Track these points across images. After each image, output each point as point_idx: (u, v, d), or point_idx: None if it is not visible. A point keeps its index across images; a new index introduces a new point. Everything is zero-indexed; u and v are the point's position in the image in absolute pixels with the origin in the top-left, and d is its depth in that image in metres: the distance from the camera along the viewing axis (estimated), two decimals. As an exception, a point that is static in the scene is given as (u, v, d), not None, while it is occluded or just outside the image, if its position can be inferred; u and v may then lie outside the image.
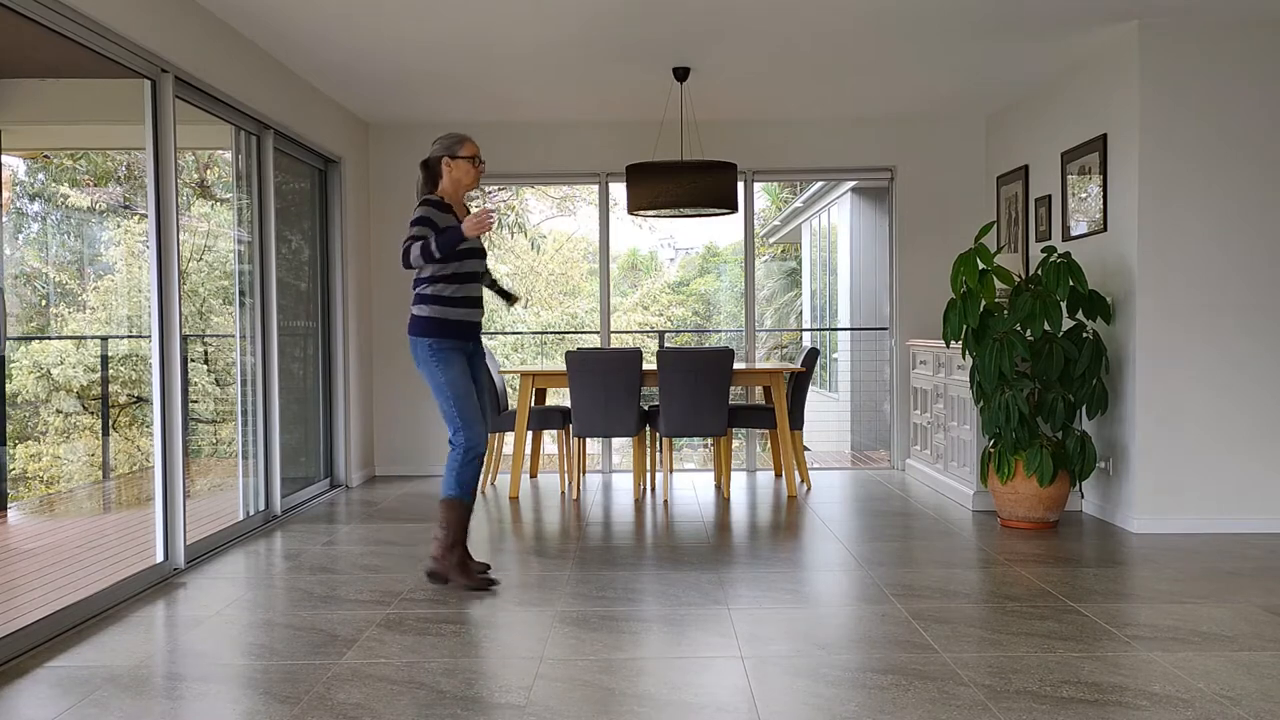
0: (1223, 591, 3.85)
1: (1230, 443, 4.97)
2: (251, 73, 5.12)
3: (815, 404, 10.95)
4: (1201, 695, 2.77)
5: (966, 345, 5.13)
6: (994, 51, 5.43)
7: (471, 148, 4.08)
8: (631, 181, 5.72)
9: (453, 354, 3.98)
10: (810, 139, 7.10)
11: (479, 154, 4.12)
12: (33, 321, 6.47)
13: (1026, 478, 4.97)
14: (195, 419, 6.33)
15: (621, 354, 5.99)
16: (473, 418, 4.00)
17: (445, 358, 3.97)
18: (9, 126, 5.57)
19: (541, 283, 16.84)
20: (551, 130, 7.10)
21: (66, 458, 6.51)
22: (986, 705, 2.70)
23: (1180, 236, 4.97)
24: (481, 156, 4.13)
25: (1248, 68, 4.93)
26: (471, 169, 4.07)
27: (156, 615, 3.70)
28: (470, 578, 3.96)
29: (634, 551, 4.65)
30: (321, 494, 6.27)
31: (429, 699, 2.79)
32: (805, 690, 2.84)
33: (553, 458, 9.11)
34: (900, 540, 4.85)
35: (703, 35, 5.10)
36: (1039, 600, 3.74)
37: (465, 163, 4.06)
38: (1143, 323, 4.98)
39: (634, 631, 3.40)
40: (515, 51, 5.35)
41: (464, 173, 4.06)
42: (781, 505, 5.89)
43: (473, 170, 4.07)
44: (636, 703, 2.76)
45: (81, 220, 6.79)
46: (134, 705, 2.78)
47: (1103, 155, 5.29)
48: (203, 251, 6.44)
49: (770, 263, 17.38)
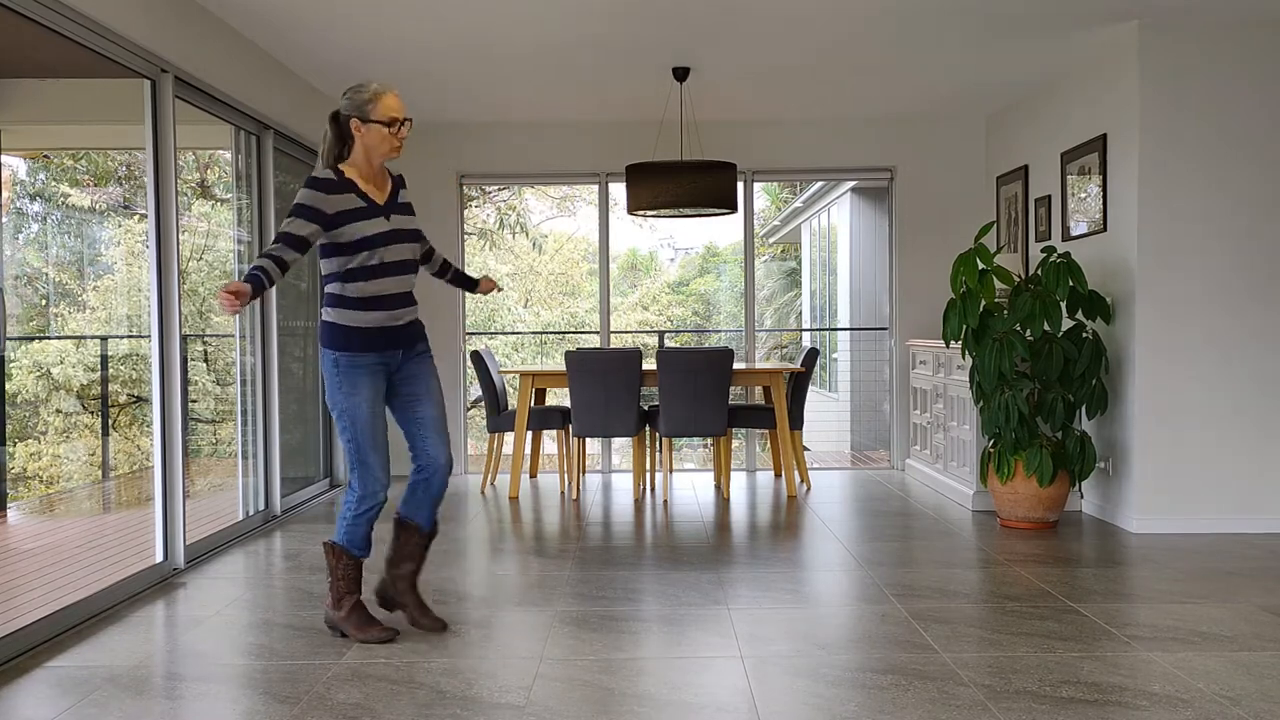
0: (1223, 591, 3.85)
1: (1230, 442, 4.97)
2: (251, 73, 5.12)
3: (815, 404, 10.96)
4: (1201, 695, 2.77)
5: (966, 345, 5.13)
6: (994, 51, 5.43)
7: (390, 106, 3.13)
8: (631, 181, 5.72)
9: (360, 374, 3.18)
10: (810, 139, 7.10)
11: (402, 115, 3.16)
12: (33, 321, 6.47)
13: (1026, 478, 4.97)
14: (195, 419, 6.33)
15: (621, 354, 5.99)
16: (376, 457, 3.22)
17: (351, 378, 3.17)
18: (9, 126, 5.57)
19: (542, 283, 16.85)
20: (551, 130, 7.10)
21: (66, 457, 6.51)
22: (986, 705, 2.70)
23: (1180, 236, 4.97)
24: (406, 115, 3.18)
25: (1248, 68, 4.93)
26: (388, 137, 3.14)
27: (156, 615, 3.69)
28: (365, 631, 3.30)
29: (634, 551, 4.65)
30: (321, 494, 6.27)
31: (429, 699, 2.79)
32: (805, 690, 2.84)
33: (553, 458, 9.11)
34: (900, 540, 4.85)
35: (703, 35, 5.10)
36: (1039, 600, 3.74)
37: (379, 128, 3.13)
38: (1142, 323, 4.98)
39: (634, 631, 3.40)
40: (515, 51, 5.35)
41: (378, 139, 3.14)
42: (781, 505, 5.89)
43: (389, 139, 3.15)
44: (636, 703, 2.76)
45: (81, 220, 6.79)
46: (134, 705, 2.78)
47: (1102, 155, 5.29)
48: (203, 251, 6.44)
49: (770, 263, 17.38)
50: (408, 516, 3.42)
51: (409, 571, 3.44)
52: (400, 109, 3.16)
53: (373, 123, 3.12)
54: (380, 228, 3.15)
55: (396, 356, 3.28)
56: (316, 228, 3.07)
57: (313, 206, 3.06)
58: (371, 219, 3.15)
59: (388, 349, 3.24)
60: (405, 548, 3.43)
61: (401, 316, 3.26)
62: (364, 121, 3.12)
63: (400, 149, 3.20)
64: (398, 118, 3.15)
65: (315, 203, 3.07)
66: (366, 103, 3.12)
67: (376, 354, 3.21)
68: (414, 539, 3.43)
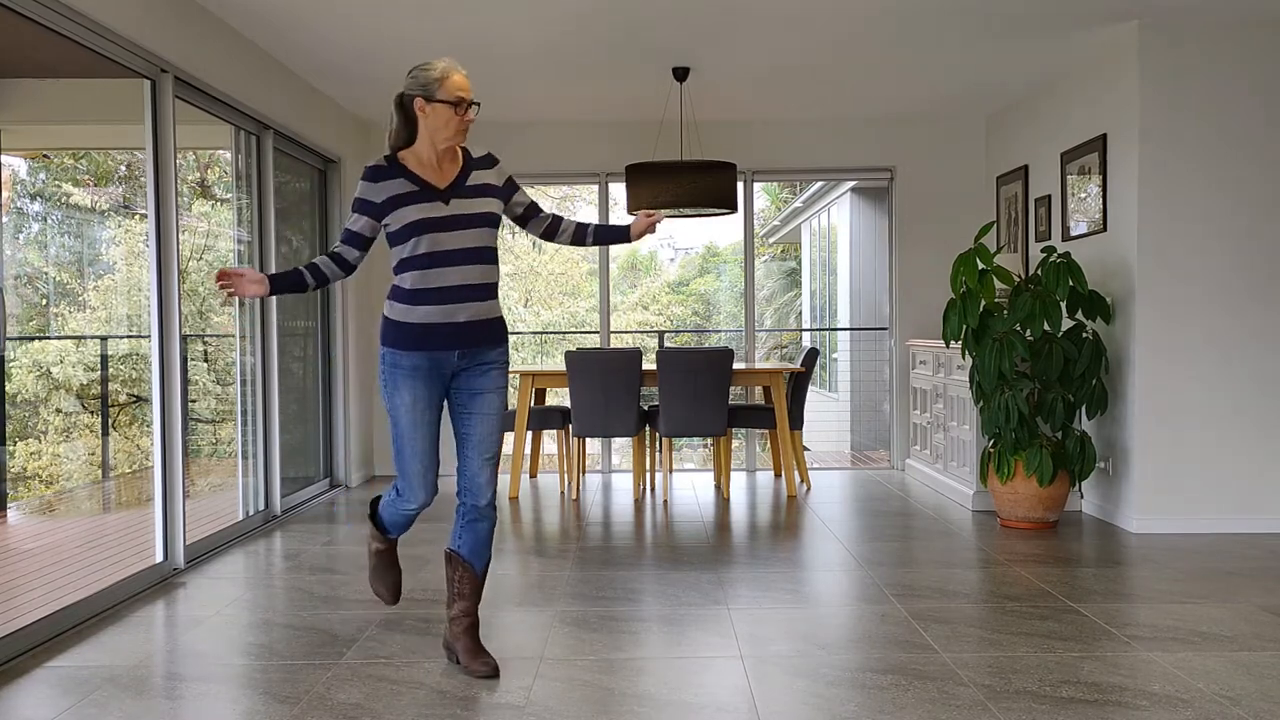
0: (1222, 591, 3.85)
1: (1230, 442, 4.97)
2: (251, 73, 5.12)
3: (815, 404, 10.96)
4: (1201, 695, 2.77)
5: (966, 345, 5.13)
6: (994, 51, 5.43)
7: (458, 84, 2.91)
8: (631, 181, 5.72)
9: (402, 374, 2.92)
10: (810, 139, 7.10)
11: (469, 95, 2.94)
12: (33, 321, 6.48)
13: (1026, 478, 4.97)
14: (195, 419, 6.33)
15: (621, 354, 5.99)
16: (414, 468, 2.95)
17: (393, 378, 2.93)
18: (9, 126, 5.57)
19: (542, 283, 16.86)
20: (551, 130, 7.10)
21: (66, 457, 6.51)
22: (986, 705, 2.70)
23: (1180, 236, 4.97)
24: (474, 98, 2.97)
25: (1248, 68, 4.93)
26: (454, 117, 2.90)
27: (156, 615, 3.70)
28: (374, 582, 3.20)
29: (634, 551, 4.65)
30: (321, 494, 6.27)
31: (429, 699, 2.79)
32: (805, 690, 2.84)
33: (552, 458, 9.11)
34: (900, 540, 4.85)
35: (703, 35, 5.10)
36: (1039, 600, 3.74)
37: (444, 108, 2.90)
38: (1142, 323, 4.98)
39: (634, 631, 3.40)
40: (515, 51, 5.35)
41: (443, 121, 2.90)
42: (781, 505, 5.90)
43: (455, 119, 2.91)
44: (636, 703, 2.76)
45: (82, 220, 6.79)
46: (134, 705, 2.78)
47: (1102, 155, 5.29)
48: (203, 251, 6.44)
49: (770, 263, 17.39)
50: (456, 549, 3.07)
51: (460, 612, 3.07)
52: (468, 89, 2.94)
53: (438, 102, 2.89)
54: (433, 212, 2.88)
55: (452, 359, 2.94)
56: (368, 219, 2.91)
57: (362, 198, 2.91)
58: (424, 203, 2.89)
59: (440, 349, 2.91)
60: (453, 584, 3.08)
61: (458, 313, 2.90)
62: (429, 101, 2.89)
63: (466, 132, 2.97)
64: (465, 98, 2.92)
65: (364, 193, 2.91)
66: (433, 81, 2.89)
67: (424, 354, 2.91)
68: (458, 573, 3.07)
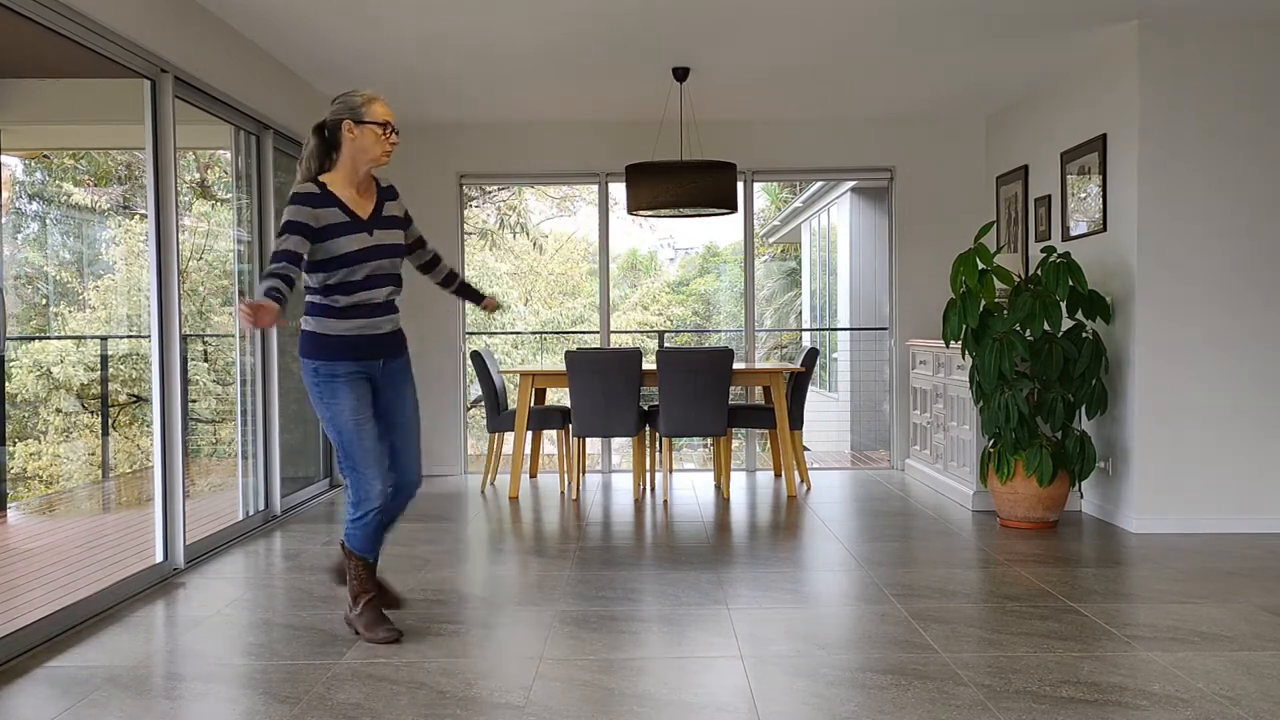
0: (1222, 591, 3.85)
1: (1230, 442, 4.97)
2: (251, 73, 5.12)
3: (815, 404, 10.96)
4: (1201, 695, 2.77)
5: (966, 345, 5.13)
6: (994, 51, 5.43)
7: (382, 110, 3.21)
8: (631, 181, 5.72)
9: (339, 382, 3.20)
10: (810, 139, 7.10)
11: (392, 120, 3.24)
12: (33, 321, 6.48)
13: (1026, 478, 4.97)
14: (195, 419, 6.33)
15: (621, 354, 5.99)
16: (367, 463, 3.22)
17: (330, 387, 3.20)
18: (9, 126, 5.57)
19: (542, 282, 16.86)
20: (551, 130, 7.10)
21: (66, 457, 6.52)
22: (986, 705, 2.70)
23: (1180, 236, 4.97)
24: (395, 124, 3.27)
25: (1248, 68, 4.93)
26: (381, 138, 3.20)
27: (156, 615, 3.70)
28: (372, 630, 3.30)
29: (634, 551, 4.65)
30: (321, 494, 6.28)
31: (429, 699, 2.79)
32: (805, 690, 2.84)
33: (552, 458, 9.11)
34: (900, 540, 4.85)
35: (703, 35, 5.10)
36: (1038, 600, 3.74)
37: (372, 130, 3.18)
38: (1142, 323, 4.98)
39: (634, 631, 3.40)
40: (515, 51, 5.35)
41: (371, 142, 3.18)
42: (781, 505, 5.90)
43: (381, 140, 3.20)
44: (636, 703, 2.76)
45: (82, 220, 6.79)
46: (134, 705, 2.78)
47: (1102, 155, 5.29)
48: (202, 251, 6.44)
49: (770, 263, 17.39)
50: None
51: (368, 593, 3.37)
52: (390, 115, 3.24)
53: (366, 124, 3.17)
54: (362, 244, 3.18)
55: (377, 365, 3.30)
56: (304, 239, 3.10)
57: (300, 221, 3.09)
58: (354, 234, 3.18)
59: (367, 357, 3.26)
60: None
61: (381, 325, 3.28)
62: (358, 123, 3.17)
63: (390, 155, 3.24)
64: (390, 121, 3.22)
65: (300, 217, 3.10)
66: (360, 106, 3.18)
67: (355, 362, 3.23)
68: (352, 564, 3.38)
